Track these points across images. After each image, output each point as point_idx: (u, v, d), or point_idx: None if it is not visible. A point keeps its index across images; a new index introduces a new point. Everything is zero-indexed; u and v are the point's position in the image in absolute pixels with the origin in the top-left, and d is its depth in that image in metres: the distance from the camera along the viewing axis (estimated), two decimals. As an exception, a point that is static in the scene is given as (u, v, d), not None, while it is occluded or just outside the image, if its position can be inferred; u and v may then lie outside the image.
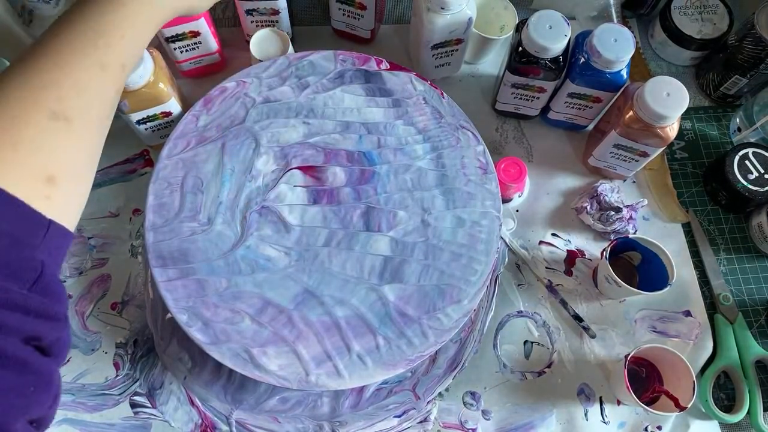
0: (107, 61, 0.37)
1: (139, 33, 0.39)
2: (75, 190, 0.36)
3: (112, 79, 0.37)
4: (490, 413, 0.59)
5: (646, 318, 0.63)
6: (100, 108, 0.37)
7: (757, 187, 0.65)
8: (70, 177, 0.35)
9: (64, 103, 0.34)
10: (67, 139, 0.35)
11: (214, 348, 0.49)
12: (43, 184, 0.33)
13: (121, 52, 0.38)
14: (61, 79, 0.35)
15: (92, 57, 0.36)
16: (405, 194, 0.56)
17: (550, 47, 0.57)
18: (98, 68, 0.36)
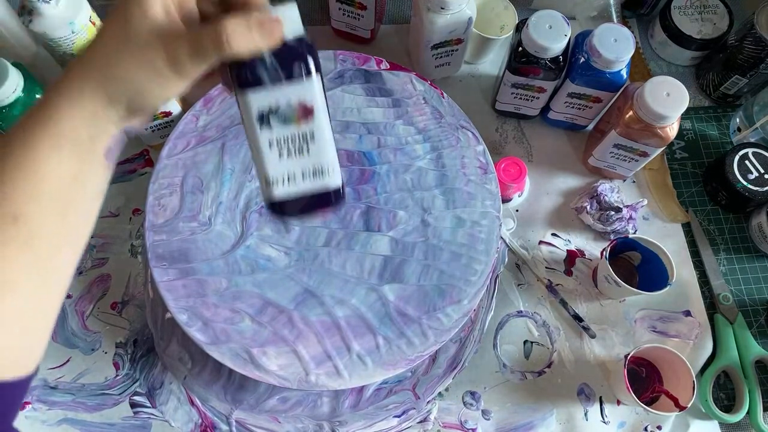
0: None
1: (35, 171, 0.31)
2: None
3: (3, 236, 0.30)
4: (490, 413, 0.59)
5: (646, 318, 0.63)
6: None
7: (757, 187, 0.65)
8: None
9: None
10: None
11: (214, 348, 0.49)
12: None
13: (8, 201, 0.30)
14: None
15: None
16: (405, 194, 0.56)
17: (550, 47, 0.57)
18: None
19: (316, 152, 0.33)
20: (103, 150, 0.32)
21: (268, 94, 0.32)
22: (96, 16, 0.59)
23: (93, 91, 0.30)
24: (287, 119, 0.32)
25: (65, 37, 0.56)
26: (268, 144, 0.33)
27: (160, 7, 0.30)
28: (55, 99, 0.31)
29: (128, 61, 0.30)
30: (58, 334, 0.60)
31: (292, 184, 0.34)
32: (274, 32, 0.30)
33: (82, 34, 0.57)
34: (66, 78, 0.31)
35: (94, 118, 0.31)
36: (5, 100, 0.55)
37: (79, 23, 0.56)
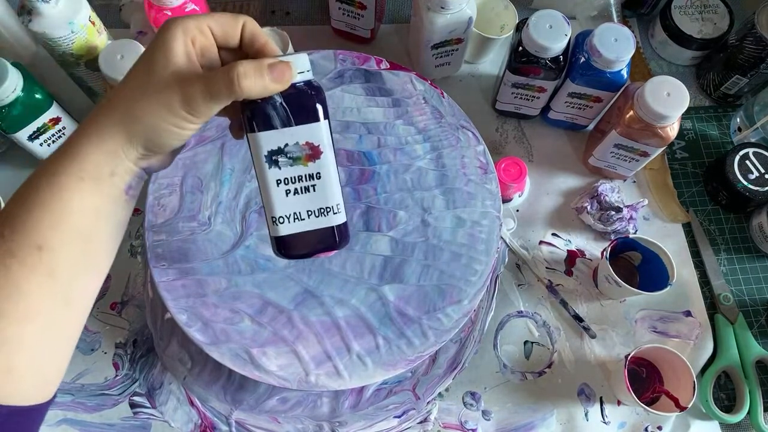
0: (13, 247, 0.32)
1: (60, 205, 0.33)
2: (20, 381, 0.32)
3: (27, 265, 0.32)
4: (490, 413, 0.59)
5: (647, 318, 0.63)
6: (20, 301, 0.32)
7: (757, 186, 0.65)
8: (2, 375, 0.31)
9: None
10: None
11: (214, 348, 0.49)
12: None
13: (33, 231, 0.32)
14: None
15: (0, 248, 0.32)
16: (405, 194, 0.56)
17: (551, 47, 0.57)
18: (7, 257, 0.32)
19: (322, 191, 0.35)
20: (125, 186, 0.34)
21: (278, 136, 0.34)
22: (95, 15, 0.59)
23: (114, 130, 0.33)
24: (295, 159, 0.34)
25: (65, 37, 0.56)
26: (276, 183, 0.34)
27: (182, 54, 0.32)
28: (79, 139, 0.33)
29: (148, 102, 0.32)
30: (58, 335, 0.60)
31: (297, 221, 0.35)
32: (284, 76, 0.32)
33: (82, 34, 0.57)
34: (91, 119, 0.33)
35: (115, 156, 0.33)
36: (5, 100, 0.55)
37: (78, 23, 0.55)
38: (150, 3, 0.59)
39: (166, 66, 0.32)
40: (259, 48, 0.35)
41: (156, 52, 0.32)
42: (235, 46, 0.35)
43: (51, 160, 0.33)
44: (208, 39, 0.34)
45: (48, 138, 0.61)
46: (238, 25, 0.34)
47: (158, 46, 0.32)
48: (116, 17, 0.74)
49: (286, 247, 0.36)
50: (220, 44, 0.35)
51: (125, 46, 0.56)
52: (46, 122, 0.60)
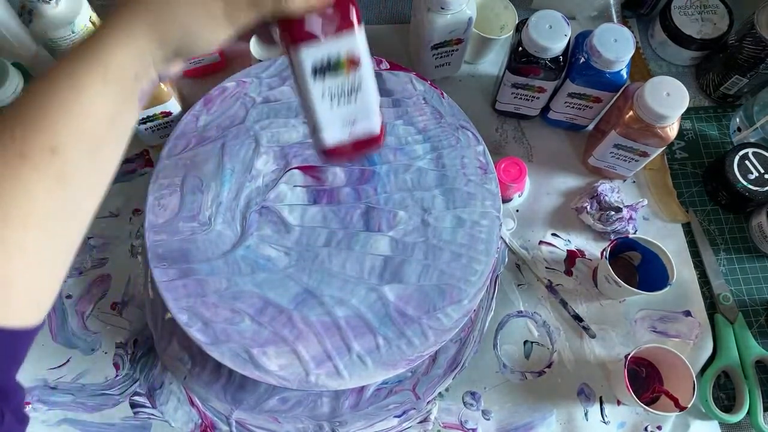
0: (25, 148, 0.30)
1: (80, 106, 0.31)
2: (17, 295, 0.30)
3: (38, 168, 0.30)
4: (490, 413, 0.59)
5: (646, 318, 0.63)
6: (25, 206, 0.30)
7: (757, 187, 0.65)
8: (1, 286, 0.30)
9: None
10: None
11: (214, 348, 0.49)
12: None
13: (48, 133, 0.30)
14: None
15: (10, 148, 0.30)
16: (405, 194, 0.56)
17: (550, 47, 0.57)
18: (17, 158, 0.30)
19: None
20: (140, 92, 0.33)
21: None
22: (96, 16, 0.59)
23: (144, 30, 0.31)
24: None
25: (65, 38, 0.56)
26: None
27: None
28: (105, 38, 0.31)
29: (186, 5, 0.31)
30: (58, 335, 0.60)
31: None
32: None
33: (82, 34, 0.57)
34: (116, 17, 0.31)
35: (142, 57, 0.32)
36: (5, 100, 0.55)
37: (78, 23, 0.56)
38: (150, 3, 0.59)
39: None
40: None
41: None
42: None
43: (71, 59, 0.31)
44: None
45: (48, 138, 0.61)
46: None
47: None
48: (116, 17, 0.74)
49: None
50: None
51: (125, 47, 0.55)
52: (46, 122, 0.60)
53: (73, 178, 0.32)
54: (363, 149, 0.39)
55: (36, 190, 0.30)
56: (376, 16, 0.76)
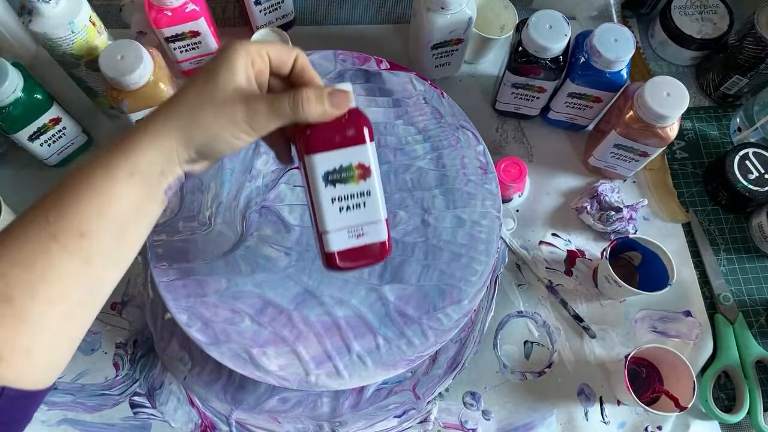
0: (57, 231, 0.33)
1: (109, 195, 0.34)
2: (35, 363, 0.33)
3: (67, 250, 0.33)
4: (491, 413, 0.59)
5: (647, 318, 0.63)
6: (54, 284, 0.33)
7: (757, 187, 0.65)
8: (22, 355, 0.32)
9: (7, 279, 0.32)
10: (12, 319, 0.31)
11: (214, 348, 0.49)
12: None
13: (78, 218, 0.33)
14: (5, 255, 0.32)
15: (44, 230, 0.33)
16: (405, 194, 0.56)
17: (550, 47, 0.57)
18: (50, 240, 0.33)
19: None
20: (166, 186, 0.36)
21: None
22: (95, 16, 0.59)
23: (173, 132, 0.35)
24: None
25: (65, 37, 0.56)
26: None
27: (243, 73, 0.36)
28: (137, 135, 0.35)
29: (211, 111, 0.35)
30: (58, 335, 0.60)
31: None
32: (342, 103, 0.36)
33: (82, 34, 0.57)
34: (150, 119, 0.36)
35: (168, 157, 0.35)
36: (5, 100, 0.55)
37: (78, 23, 0.56)
38: (150, 3, 0.59)
39: (230, 82, 0.35)
40: (307, 80, 0.38)
41: (220, 68, 0.35)
42: (286, 74, 0.38)
43: (105, 153, 0.35)
44: (265, 63, 0.37)
45: (48, 138, 0.61)
46: (291, 56, 0.38)
47: (222, 63, 0.35)
48: (116, 17, 0.74)
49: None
50: (273, 71, 0.38)
51: (125, 46, 0.55)
52: (46, 122, 0.60)
53: (99, 260, 0.35)
54: (368, 258, 0.39)
55: (64, 270, 0.33)
56: (376, 16, 0.76)
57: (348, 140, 0.37)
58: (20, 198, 0.65)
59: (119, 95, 0.57)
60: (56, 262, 0.33)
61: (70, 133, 0.63)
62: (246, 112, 0.35)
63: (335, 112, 0.36)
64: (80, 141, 0.65)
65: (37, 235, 0.33)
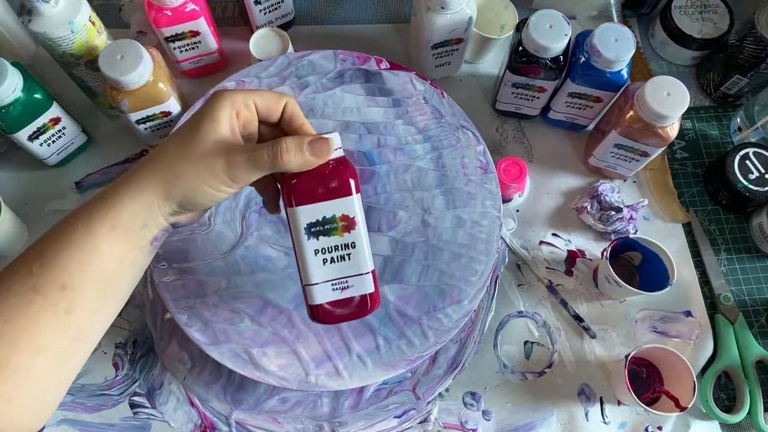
0: (39, 283, 0.33)
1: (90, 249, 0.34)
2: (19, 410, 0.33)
3: (49, 302, 0.33)
4: (491, 413, 0.59)
5: (647, 318, 0.63)
6: (34, 335, 0.33)
7: (757, 186, 0.65)
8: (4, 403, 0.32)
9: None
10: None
11: (214, 348, 0.49)
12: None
13: (59, 271, 0.34)
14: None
15: (26, 282, 0.33)
16: (405, 194, 0.56)
17: (551, 47, 0.57)
18: (31, 291, 0.33)
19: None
20: (151, 237, 0.36)
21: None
22: (95, 16, 0.59)
23: (153, 185, 0.35)
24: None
25: (64, 37, 0.56)
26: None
27: (227, 125, 0.35)
28: (118, 189, 0.35)
29: (191, 164, 0.35)
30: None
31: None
32: (323, 152, 0.35)
33: (82, 34, 0.57)
34: (131, 172, 0.36)
35: (150, 210, 0.35)
36: (4, 100, 0.55)
37: (78, 23, 0.55)
38: (150, 3, 0.59)
39: (212, 133, 0.35)
40: (297, 128, 0.37)
41: (203, 120, 0.35)
42: (275, 122, 0.38)
43: (87, 206, 0.35)
44: (252, 113, 0.36)
45: (48, 138, 0.61)
46: (280, 104, 0.37)
47: (206, 114, 0.35)
48: (116, 17, 0.74)
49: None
50: (262, 119, 0.37)
51: (125, 46, 0.55)
52: (46, 122, 0.60)
53: (83, 312, 0.35)
54: (354, 311, 0.38)
55: (45, 321, 0.33)
56: (376, 16, 0.76)
57: (331, 192, 0.36)
58: (20, 198, 0.65)
59: (119, 95, 0.57)
60: (38, 313, 0.33)
61: (69, 133, 0.63)
62: (226, 164, 0.34)
63: (316, 161, 0.35)
64: (80, 141, 0.65)
65: (19, 287, 0.33)
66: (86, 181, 0.66)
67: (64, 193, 0.65)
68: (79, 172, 0.66)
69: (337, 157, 0.36)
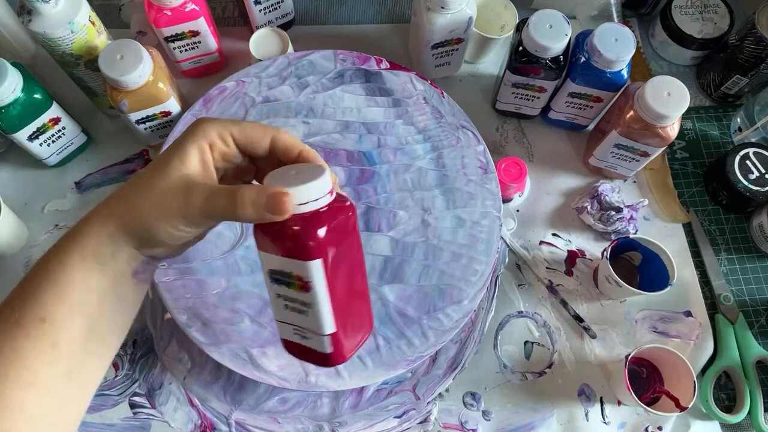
0: (20, 317, 0.33)
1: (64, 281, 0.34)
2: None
3: (30, 335, 0.33)
4: (491, 414, 0.59)
5: (647, 318, 0.63)
6: (21, 369, 0.33)
7: (757, 186, 0.65)
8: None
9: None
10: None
11: (214, 348, 0.49)
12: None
13: (37, 304, 0.33)
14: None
15: (9, 317, 0.33)
16: (405, 194, 0.56)
17: (551, 47, 0.57)
18: (14, 326, 0.33)
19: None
20: (131, 270, 0.35)
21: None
22: (95, 15, 0.59)
23: (114, 218, 0.34)
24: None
25: (64, 37, 0.56)
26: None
27: (197, 160, 0.33)
28: (86, 220, 0.35)
29: (148, 200, 0.33)
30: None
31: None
32: (281, 209, 0.31)
33: (81, 34, 0.57)
34: (101, 202, 0.35)
35: (114, 240, 0.34)
36: (4, 100, 0.55)
37: (78, 23, 0.55)
38: (150, 3, 0.59)
39: (178, 169, 0.33)
40: (295, 158, 0.35)
41: (173, 153, 0.33)
42: (262, 155, 0.36)
43: (62, 239, 0.35)
44: (230, 147, 0.34)
45: (48, 138, 0.61)
46: (265, 137, 0.35)
47: (176, 148, 0.34)
48: (116, 17, 0.74)
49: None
50: (244, 152, 0.35)
51: (125, 46, 0.55)
52: (45, 122, 0.60)
53: (70, 345, 0.34)
54: (314, 360, 0.35)
55: (30, 355, 0.33)
56: (376, 16, 0.76)
57: (287, 251, 0.32)
58: (20, 198, 0.65)
59: (119, 95, 0.57)
60: (22, 346, 0.33)
61: (69, 133, 0.63)
62: (183, 204, 0.33)
63: (272, 218, 0.31)
64: (80, 141, 0.65)
65: (3, 323, 0.33)
66: (86, 181, 0.66)
67: (63, 193, 0.65)
68: (78, 172, 0.66)
69: (313, 209, 0.32)
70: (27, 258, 0.62)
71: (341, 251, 0.33)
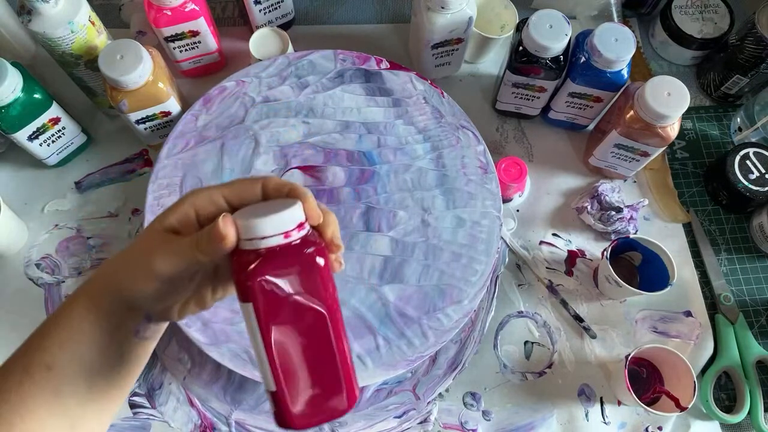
0: (27, 363, 0.34)
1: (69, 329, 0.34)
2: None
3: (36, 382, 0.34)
4: (491, 414, 0.59)
5: (647, 318, 0.63)
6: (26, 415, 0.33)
7: (758, 187, 0.65)
8: None
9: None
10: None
11: (214, 348, 0.49)
12: None
13: (43, 350, 0.34)
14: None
15: (18, 364, 0.34)
16: (405, 194, 0.56)
17: (551, 47, 0.57)
18: (22, 373, 0.34)
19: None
20: (132, 329, 0.36)
21: None
22: (95, 15, 0.59)
23: (105, 277, 0.35)
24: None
25: (64, 37, 0.56)
26: None
27: (174, 219, 0.33)
28: (96, 272, 0.36)
29: (126, 256, 0.34)
30: (58, 335, 0.60)
31: None
32: (217, 246, 0.31)
33: (81, 34, 0.57)
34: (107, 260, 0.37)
35: (112, 297, 0.35)
36: (4, 100, 0.55)
37: (78, 23, 0.55)
38: (150, 3, 0.59)
39: (154, 227, 0.34)
40: (285, 196, 0.34)
41: (155, 220, 0.34)
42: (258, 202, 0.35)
43: (69, 295, 0.36)
44: (221, 207, 0.34)
45: (48, 138, 0.61)
46: (255, 188, 0.34)
47: (161, 215, 0.34)
48: (116, 17, 0.74)
49: None
50: (242, 205, 0.35)
51: (125, 46, 0.55)
52: (45, 122, 0.60)
53: (73, 397, 0.35)
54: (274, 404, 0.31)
55: (36, 402, 0.34)
56: (376, 16, 0.76)
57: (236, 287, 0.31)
58: (20, 198, 0.65)
59: (119, 95, 0.57)
60: (28, 394, 0.34)
61: (69, 133, 0.63)
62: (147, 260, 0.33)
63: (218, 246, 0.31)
64: (79, 141, 0.65)
65: (13, 369, 0.34)
66: (86, 181, 0.66)
67: (63, 193, 0.65)
68: (78, 172, 0.66)
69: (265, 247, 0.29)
70: (27, 258, 0.62)
71: (297, 300, 0.30)
